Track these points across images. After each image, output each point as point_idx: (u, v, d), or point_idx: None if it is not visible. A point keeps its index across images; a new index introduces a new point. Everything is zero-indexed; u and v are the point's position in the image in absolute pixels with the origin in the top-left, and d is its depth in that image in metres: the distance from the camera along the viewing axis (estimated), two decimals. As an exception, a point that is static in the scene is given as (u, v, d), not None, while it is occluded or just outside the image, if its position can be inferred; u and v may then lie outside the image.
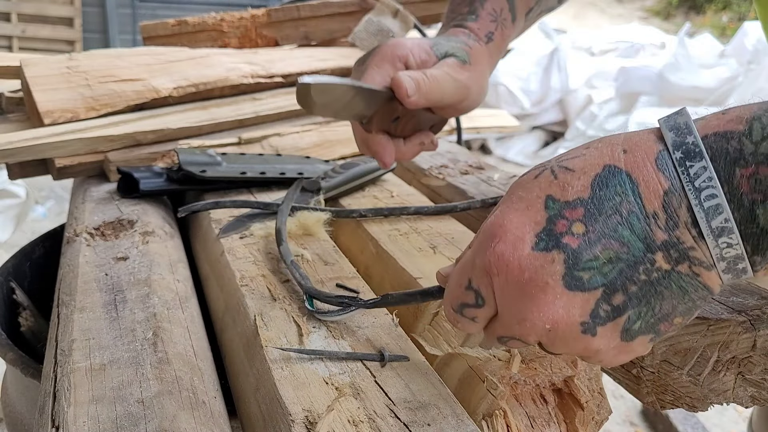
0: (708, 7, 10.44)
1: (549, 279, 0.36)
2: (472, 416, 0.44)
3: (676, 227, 0.35)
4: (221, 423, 0.47)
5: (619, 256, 0.36)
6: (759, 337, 0.51)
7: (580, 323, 0.37)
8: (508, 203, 0.40)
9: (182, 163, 0.83)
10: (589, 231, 0.36)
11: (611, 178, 0.36)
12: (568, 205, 0.37)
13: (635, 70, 4.53)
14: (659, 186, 0.36)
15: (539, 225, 0.37)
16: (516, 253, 0.37)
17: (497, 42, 0.71)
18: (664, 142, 0.36)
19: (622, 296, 0.37)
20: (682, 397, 0.52)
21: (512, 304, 0.38)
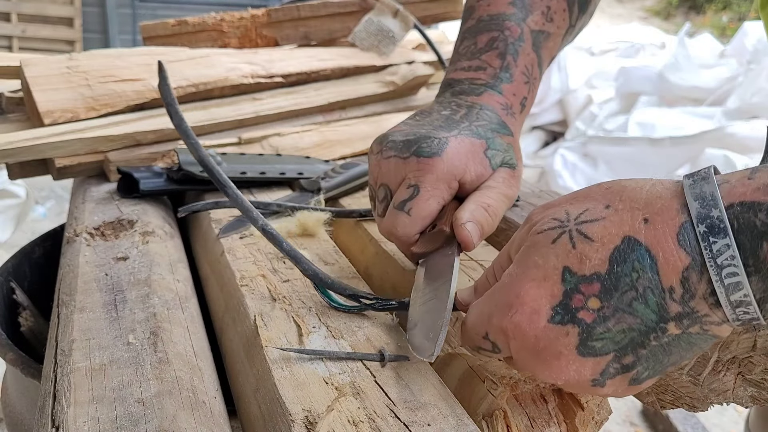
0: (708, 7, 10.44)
1: (563, 349, 0.38)
2: (472, 416, 0.44)
3: (692, 299, 0.36)
4: (221, 423, 0.47)
5: (632, 327, 0.37)
6: (759, 337, 0.51)
7: (591, 380, 0.39)
8: (524, 268, 0.40)
9: (182, 163, 0.83)
10: (604, 307, 0.37)
11: (630, 252, 0.36)
12: (585, 279, 0.37)
13: (635, 70, 4.52)
14: (679, 263, 0.35)
15: (555, 298, 0.38)
16: (532, 325, 0.38)
17: (527, 108, 0.66)
18: (688, 210, 0.36)
19: (632, 357, 0.38)
20: (682, 397, 0.52)
21: (527, 364, 0.41)
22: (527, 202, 0.81)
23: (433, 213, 0.56)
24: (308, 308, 0.56)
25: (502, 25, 0.66)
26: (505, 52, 0.64)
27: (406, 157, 0.56)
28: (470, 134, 0.59)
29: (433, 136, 0.57)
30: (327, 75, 1.19)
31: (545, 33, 0.67)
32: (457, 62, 0.67)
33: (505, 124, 0.62)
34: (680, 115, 3.99)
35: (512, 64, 0.64)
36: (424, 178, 0.55)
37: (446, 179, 0.56)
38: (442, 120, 0.61)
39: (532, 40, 0.66)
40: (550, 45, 0.68)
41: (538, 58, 0.66)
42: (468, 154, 0.57)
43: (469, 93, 0.64)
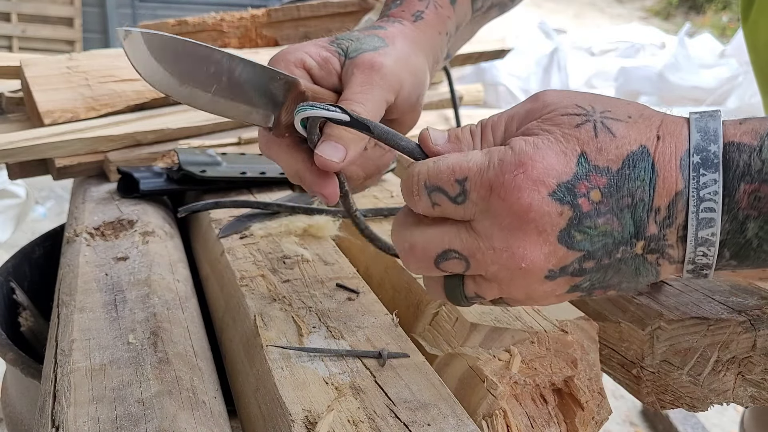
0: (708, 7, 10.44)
1: (548, 227, 0.38)
2: (472, 416, 0.44)
3: (669, 226, 0.37)
4: (221, 423, 0.47)
5: (612, 232, 0.38)
6: (759, 337, 0.51)
7: (549, 270, 0.39)
8: (544, 140, 0.39)
9: (182, 163, 0.83)
10: (603, 202, 0.37)
11: (640, 161, 0.37)
12: (597, 169, 0.38)
13: (635, 70, 4.53)
14: (674, 185, 0.37)
15: (565, 176, 0.38)
16: (532, 192, 0.38)
17: (430, 20, 0.61)
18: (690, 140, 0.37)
19: (593, 264, 0.39)
20: (682, 397, 0.52)
21: (500, 231, 0.39)
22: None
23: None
24: (308, 308, 0.56)
25: None
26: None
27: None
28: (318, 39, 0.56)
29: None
30: (327, 75, 1.19)
31: None
32: None
33: (375, 25, 0.59)
34: (680, 115, 3.98)
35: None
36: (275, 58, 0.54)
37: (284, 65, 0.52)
38: None
39: None
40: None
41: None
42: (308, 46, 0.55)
43: None
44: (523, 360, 0.49)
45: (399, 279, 0.63)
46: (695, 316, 0.51)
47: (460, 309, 0.53)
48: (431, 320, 0.56)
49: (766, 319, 0.51)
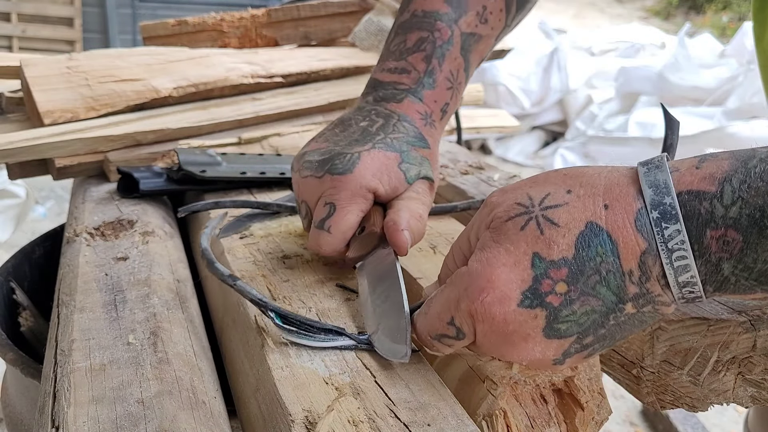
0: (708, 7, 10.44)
1: (531, 331, 0.40)
2: (472, 416, 0.45)
3: (647, 281, 0.39)
4: (221, 423, 0.47)
5: (594, 309, 0.39)
6: (759, 337, 0.51)
7: (553, 359, 0.42)
8: (495, 254, 0.41)
9: (182, 163, 0.83)
10: (571, 290, 0.39)
11: (593, 237, 0.38)
12: (553, 264, 0.39)
13: (635, 70, 4.52)
14: (637, 247, 0.38)
15: (525, 283, 0.39)
16: (503, 308, 0.40)
17: (449, 113, 0.67)
18: (643, 197, 0.38)
19: (591, 338, 0.41)
20: (682, 397, 0.52)
21: (493, 346, 0.42)
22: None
23: (352, 226, 0.58)
24: (308, 308, 0.56)
25: (433, 25, 0.65)
26: (432, 55, 0.64)
27: (321, 176, 0.58)
28: (384, 147, 0.59)
29: (346, 152, 0.59)
30: (327, 75, 1.19)
31: (476, 36, 0.67)
32: (386, 61, 0.67)
33: (423, 136, 0.63)
34: (680, 115, 3.98)
35: (437, 68, 0.64)
36: (338, 195, 0.57)
37: (360, 193, 0.57)
38: (359, 133, 0.61)
39: (461, 44, 0.65)
40: (481, 48, 0.68)
41: (465, 62, 0.66)
42: (381, 167, 0.58)
43: (390, 99, 0.64)
44: (523, 360, 0.49)
45: (399, 279, 0.63)
46: (695, 316, 0.51)
47: None
48: (431, 320, 0.56)
49: (766, 319, 0.51)
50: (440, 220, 0.76)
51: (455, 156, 1.02)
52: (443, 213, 0.77)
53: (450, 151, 1.05)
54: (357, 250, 0.59)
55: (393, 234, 0.56)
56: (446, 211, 0.77)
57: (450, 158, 1.01)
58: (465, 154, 1.04)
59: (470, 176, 0.92)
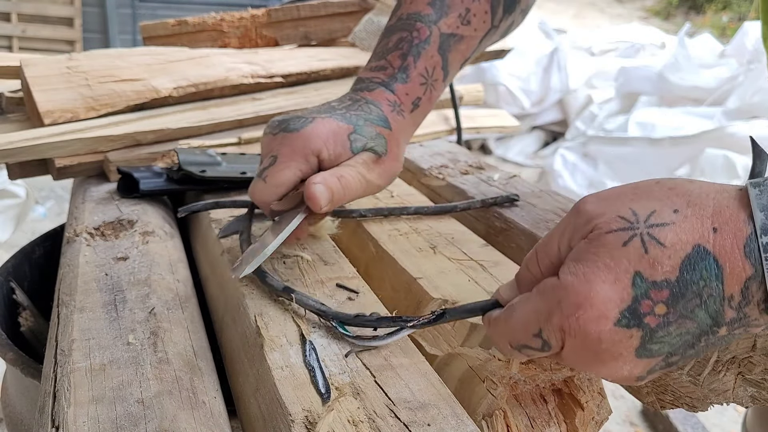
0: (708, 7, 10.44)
1: (623, 351, 0.39)
2: (472, 416, 0.44)
3: (747, 306, 0.37)
4: (221, 423, 0.47)
5: (689, 331, 0.38)
6: (759, 337, 0.51)
7: (638, 377, 0.41)
8: (593, 269, 0.39)
9: (182, 163, 0.83)
10: (669, 312, 0.38)
11: (699, 261, 0.37)
12: (656, 285, 0.37)
13: (635, 70, 4.52)
14: (743, 273, 0.36)
15: (624, 302, 0.38)
16: (599, 327, 0.38)
17: (423, 107, 0.69)
18: (753, 221, 0.36)
19: (679, 357, 0.40)
20: (682, 397, 0.52)
21: (581, 361, 0.41)
22: (527, 202, 0.81)
23: (287, 181, 0.60)
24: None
25: (413, 26, 0.68)
26: (408, 53, 0.67)
27: (276, 133, 0.62)
28: (340, 118, 0.63)
29: (303, 116, 0.63)
30: (327, 75, 1.19)
31: (457, 36, 0.69)
32: (370, 62, 0.70)
33: (386, 118, 0.65)
34: (680, 115, 3.99)
35: (411, 65, 0.67)
36: (282, 150, 0.61)
37: (303, 152, 0.60)
38: (326, 107, 0.65)
39: (439, 43, 0.68)
40: (462, 48, 0.70)
41: (443, 61, 0.68)
42: (329, 134, 0.61)
43: (364, 89, 0.68)
44: (523, 360, 0.49)
45: (399, 279, 0.63)
46: None
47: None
48: (431, 320, 0.56)
49: (766, 319, 0.51)
50: (440, 220, 0.76)
51: (455, 156, 1.02)
52: (443, 213, 0.78)
53: (450, 151, 1.05)
54: (281, 205, 0.62)
55: (307, 187, 0.58)
56: (446, 211, 0.77)
57: (450, 158, 1.01)
58: (465, 154, 1.04)
59: (470, 176, 0.92)
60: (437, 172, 0.94)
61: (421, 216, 0.76)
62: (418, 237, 0.71)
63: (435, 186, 0.92)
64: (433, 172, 0.94)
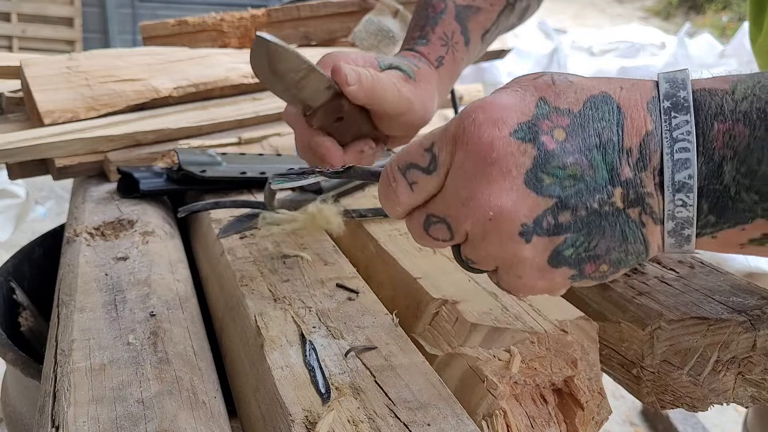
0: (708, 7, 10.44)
1: (513, 168, 0.37)
2: (472, 416, 0.44)
3: (643, 169, 0.36)
4: (221, 423, 0.47)
5: (584, 176, 0.37)
6: (759, 337, 0.51)
7: (522, 223, 0.37)
8: (501, 90, 0.40)
9: (182, 163, 0.83)
10: (567, 141, 0.37)
11: (603, 103, 0.37)
12: (558, 110, 0.37)
13: (635, 70, 4.52)
14: (643, 126, 0.36)
15: (525, 116, 0.37)
16: (493, 131, 0.37)
17: (448, 66, 0.71)
18: (659, 89, 0.37)
19: (569, 216, 0.37)
20: (682, 397, 0.52)
21: (466, 180, 0.38)
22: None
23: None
24: (308, 308, 0.56)
25: (428, 5, 0.73)
26: (425, 24, 0.72)
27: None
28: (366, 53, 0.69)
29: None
30: (327, 75, 1.19)
31: (474, 7, 0.73)
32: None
33: (411, 61, 0.69)
34: (680, 115, 3.98)
35: (429, 32, 0.71)
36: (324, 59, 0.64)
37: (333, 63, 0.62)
38: None
39: (455, 13, 0.72)
40: (481, 19, 0.74)
41: (462, 28, 0.72)
42: (357, 55, 0.65)
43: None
44: (523, 360, 0.49)
45: (399, 279, 0.63)
46: (695, 316, 0.51)
47: (459, 309, 0.53)
48: (431, 320, 0.56)
49: (766, 319, 0.51)
50: (440, 220, 0.76)
51: (455, 156, 1.02)
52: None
53: (450, 151, 1.05)
54: (320, 120, 0.63)
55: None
56: (446, 211, 0.77)
57: (450, 158, 1.01)
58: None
59: (470, 176, 0.92)
60: (437, 172, 0.94)
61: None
62: (418, 237, 0.70)
63: (435, 186, 0.91)
64: (433, 172, 0.94)
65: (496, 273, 0.42)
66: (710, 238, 0.38)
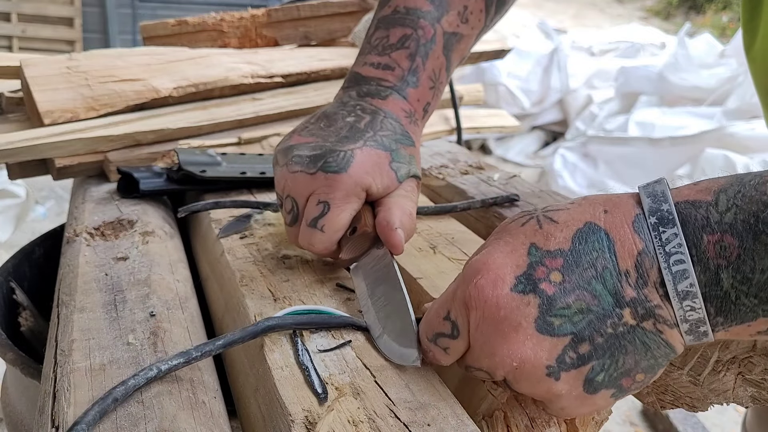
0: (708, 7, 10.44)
1: (522, 320, 0.39)
2: (472, 416, 0.44)
3: (645, 286, 0.38)
4: (221, 423, 0.47)
5: (590, 308, 0.38)
6: (759, 337, 0.51)
7: (546, 366, 0.40)
8: (494, 245, 0.42)
9: (182, 163, 0.83)
10: (565, 281, 0.39)
11: (591, 234, 0.39)
12: (549, 254, 0.39)
13: (635, 70, 4.52)
14: (634, 247, 0.38)
15: (520, 268, 0.40)
16: (495, 291, 0.40)
17: (429, 112, 0.68)
18: (642, 207, 0.39)
19: (588, 346, 0.39)
20: (682, 397, 0.52)
21: (485, 339, 0.41)
22: (527, 202, 0.81)
23: (345, 225, 0.58)
24: (308, 308, 0.56)
25: (416, 23, 0.65)
26: (416, 53, 0.65)
27: (313, 172, 0.57)
28: (375, 145, 0.60)
29: (339, 150, 0.58)
30: (327, 75, 1.19)
31: (458, 35, 0.68)
32: (368, 54, 0.67)
33: (408, 134, 0.64)
34: (680, 115, 3.99)
35: (420, 67, 0.65)
36: (333, 194, 0.57)
37: (354, 192, 0.57)
38: (347, 129, 0.61)
39: (443, 43, 0.67)
40: (462, 47, 0.69)
41: (447, 62, 0.67)
42: (374, 167, 0.59)
43: (375, 96, 0.64)
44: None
45: (399, 279, 0.63)
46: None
47: None
48: (431, 320, 0.56)
49: (766, 319, 0.51)
50: (440, 220, 0.76)
51: (455, 156, 1.02)
52: (443, 213, 0.77)
53: (450, 151, 1.05)
54: (351, 251, 0.59)
55: (388, 233, 0.57)
56: (446, 211, 0.77)
57: (450, 158, 1.01)
58: (465, 154, 1.04)
59: (470, 176, 0.92)
60: (437, 172, 0.94)
61: (421, 216, 0.76)
62: (417, 237, 0.71)
63: (435, 186, 0.92)
64: (433, 172, 0.94)
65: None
66: (724, 332, 0.39)
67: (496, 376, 0.42)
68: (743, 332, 0.39)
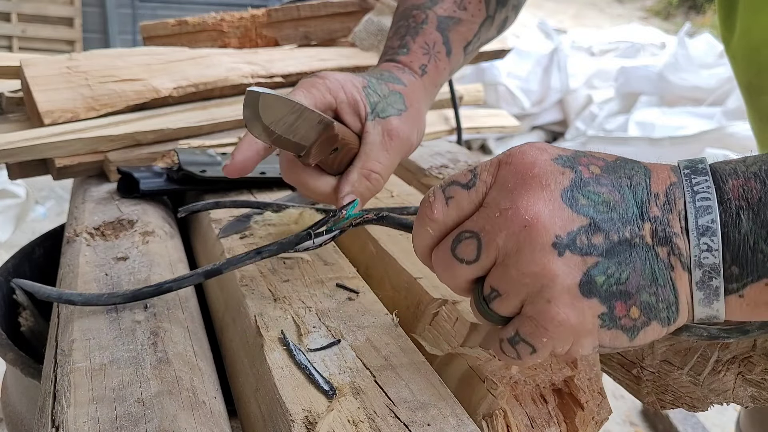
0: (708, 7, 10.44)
1: (552, 183, 0.40)
2: (472, 416, 0.45)
3: (670, 212, 0.39)
4: (221, 423, 0.47)
5: (616, 206, 0.39)
6: (759, 337, 0.51)
7: (556, 235, 0.38)
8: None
9: (182, 163, 0.83)
10: (602, 176, 0.40)
11: (631, 161, 0.42)
12: (592, 156, 0.42)
13: (635, 70, 4.52)
14: (667, 178, 0.40)
15: (566, 152, 0.42)
16: (537, 154, 0.41)
17: (431, 75, 0.71)
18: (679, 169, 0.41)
19: (601, 238, 0.39)
20: (682, 397, 0.52)
21: (507, 192, 0.40)
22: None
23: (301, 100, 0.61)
24: (308, 308, 0.56)
25: (409, 15, 0.73)
26: (405, 34, 0.71)
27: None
28: (352, 76, 0.65)
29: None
30: (327, 75, 1.19)
31: (455, 18, 0.73)
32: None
33: (398, 77, 0.67)
34: (680, 115, 3.99)
35: (410, 42, 0.71)
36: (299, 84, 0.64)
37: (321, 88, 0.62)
38: None
39: (436, 23, 0.71)
40: (462, 30, 0.73)
41: (443, 37, 0.71)
42: (345, 79, 0.63)
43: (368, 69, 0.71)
44: (523, 360, 0.49)
45: (399, 279, 0.63)
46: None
47: (459, 309, 0.53)
48: (431, 320, 0.56)
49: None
50: (440, 220, 0.76)
51: (455, 156, 1.02)
52: (443, 213, 0.77)
53: (450, 151, 1.05)
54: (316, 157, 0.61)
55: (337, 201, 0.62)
56: (446, 211, 0.77)
57: (450, 158, 1.01)
58: (465, 154, 1.04)
59: (470, 176, 0.92)
60: (437, 172, 0.94)
61: (421, 216, 0.76)
62: (418, 237, 0.70)
63: (435, 186, 0.92)
64: (433, 172, 0.94)
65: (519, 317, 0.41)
66: (738, 298, 0.38)
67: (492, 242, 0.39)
68: (760, 297, 0.38)
